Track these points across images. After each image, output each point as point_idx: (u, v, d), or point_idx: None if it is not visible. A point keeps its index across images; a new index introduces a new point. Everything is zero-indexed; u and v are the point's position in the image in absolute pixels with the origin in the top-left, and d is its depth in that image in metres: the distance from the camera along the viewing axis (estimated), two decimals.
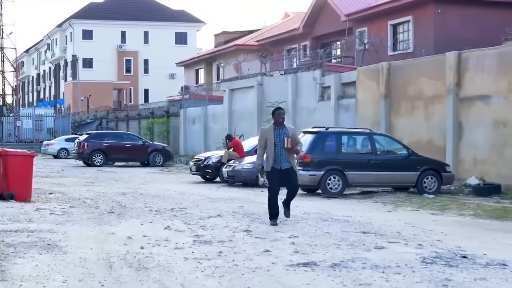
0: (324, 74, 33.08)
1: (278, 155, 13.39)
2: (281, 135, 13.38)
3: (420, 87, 25.98)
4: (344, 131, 22.32)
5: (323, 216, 14.98)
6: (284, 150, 13.33)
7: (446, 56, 24.71)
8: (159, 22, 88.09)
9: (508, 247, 11.07)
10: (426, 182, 21.16)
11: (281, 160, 13.39)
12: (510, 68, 21.87)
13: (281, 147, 13.34)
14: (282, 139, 13.34)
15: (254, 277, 8.56)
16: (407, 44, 35.96)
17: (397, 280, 8.40)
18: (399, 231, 12.78)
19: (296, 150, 13.53)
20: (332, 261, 9.54)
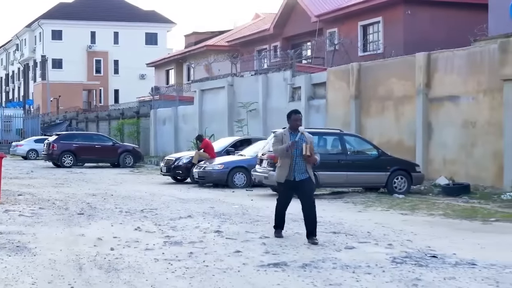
0: (295, 75, 33.15)
1: (293, 164, 11.62)
2: (299, 142, 11.61)
3: (390, 88, 26.11)
4: (314, 132, 22.14)
5: (293, 217, 14.92)
6: (300, 158, 11.60)
7: (415, 57, 24.85)
8: (129, 22, 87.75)
9: (477, 246, 11.15)
10: (396, 182, 21.26)
11: (296, 170, 11.63)
12: (479, 69, 22.05)
13: (298, 155, 11.59)
14: (299, 145, 11.59)
15: (224, 278, 8.55)
16: (377, 45, 36.13)
17: (368, 280, 8.42)
18: (370, 231, 12.82)
19: (314, 159, 11.71)
20: (302, 261, 9.55)
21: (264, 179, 20.76)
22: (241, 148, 26.86)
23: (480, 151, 21.81)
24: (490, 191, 20.45)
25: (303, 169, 11.65)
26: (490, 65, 21.55)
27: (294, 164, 11.60)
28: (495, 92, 21.36)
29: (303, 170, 11.65)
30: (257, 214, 15.56)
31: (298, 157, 11.59)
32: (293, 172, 11.62)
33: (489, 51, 21.75)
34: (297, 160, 11.61)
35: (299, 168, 11.64)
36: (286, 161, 11.67)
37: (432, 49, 25.22)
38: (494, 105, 21.39)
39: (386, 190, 21.32)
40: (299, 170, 11.64)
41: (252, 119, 34.85)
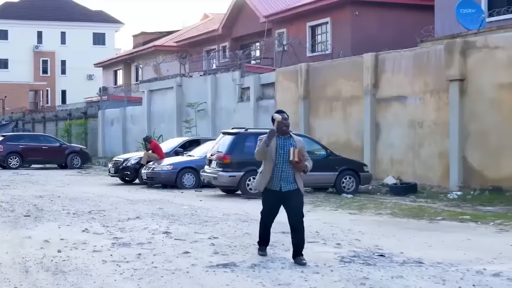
0: (244, 75, 33.20)
1: (278, 171, 9.86)
2: (286, 146, 9.88)
3: (338, 88, 26.26)
4: (263, 132, 22.20)
5: (242, 217, 14.99)
6: (287, 165, 9.82)
7: (363, 58, 25.04)
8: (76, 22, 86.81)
9: (424, 245, 11.27)
10: (345, 182, 21.42)
11: (282, 179, 9.84)
12: (426, 70, 22.29)
13: (284, 161, 9.82)
14: (286, 150, 9.85)
15: (173, 279, 8.51)
16: (326, 45, 36.30)
17: (316, 279, 8.46)
18: (318, 231, 12.87)
19: (304, 166, 9.87)
20: (251, 261, 9.55)
21: (213, 179, 20.75)
22: (190, 148, 26.79)
23: (427, 151, 22.06)
24: (437, 190, 20.70)
25: (291, 178, 9.87)
26: (437, 65, 21.80)
27: (280, 171, 9.82)
28: (441, 93, 21.62)
29: (291, 180, 9.87)
30: (206, 214, 15.53)
31: (285, 163, 9.79)
32: (279, 180, 9.84)
33: (435, 52, 22.01)
34: (284, 167, 9.81)
35: (286, 177, 9.83)
36: (267, 167, 9.93)
37: (379, 50, 25.43)
38: (440, 105, 21.65)
39: (334, 190, 21.46)
40: (286, 179, 9.84)
41: (201, 120, 34.80)
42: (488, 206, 17.38)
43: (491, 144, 19.81)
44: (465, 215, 15.44)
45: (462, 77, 20.70)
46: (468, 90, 20.61)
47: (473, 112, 20.42)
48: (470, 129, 20.52)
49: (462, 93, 20.70)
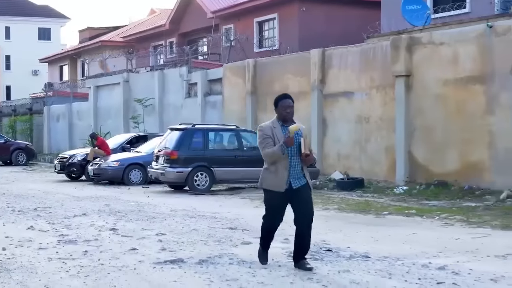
0: (191, 71, 33.12)
1: (289, 166, 8.66)
2: (294, 136, 8.59)
3: (286, 84, 26.31)
4: (211, 128, 22.39)
5: (190, 213, 14.95)
6: (297, 158, 8.65)
7: (310, 53, 25.14)
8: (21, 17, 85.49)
9: (371, 239, 11.35)
10: None
11: (292, 174, 8.66)
12: (372, 65, 22.46)
13: (294, 154, 8.62)
14: (296, 142, 8.60)
15: (120, 275, 8.44)
16: (273, 41, 36.36)
17: (264, 274, 8.46)
18: None
19: (313, 159, 8.80)
20: (199, 257, 9.52)
21: (160, 175, 20.67)
22: (137, 144, 26.66)
23: (374, 146, 22.24)
24: (383, 185, 20.89)
25: (299, 173, 8.72)
26: (383, 61, 21.99)
27: (291, 166, 8.64)
28: (387, 88, 21.81)
29: (300, 174, 8.72)
30: (153, 211, 15.45)
31: (294, 156, 8.62)
32: (288, 178, 8.66)
33: (381, 48, 22.19)
34: (293, 161, 8.63)
35: (295, 172, 8.67)
36: (282, 163, 8.61)
37: (326, 45, 25.56)
38: (387, 100, 21.85)
39: None
40: (295, 174, 8.68)
41: (148, 116, 34.61)
42: (433, 201, 17.59)
43: (436, 139, 20.04)
44: (411, 210, 15.60)
45: (408, 73, 20.91)
46: (414, 86, 20.83)
47: (419, 108, 20.63)
48: (415, 125, 20.74)
49: (408, 89, 20.91)
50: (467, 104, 19.14)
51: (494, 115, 18.51)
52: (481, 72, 18.85)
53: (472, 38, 19.18)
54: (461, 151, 19.30)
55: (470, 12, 25.02)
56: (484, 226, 13.07)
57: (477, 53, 19.01)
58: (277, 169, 8.64)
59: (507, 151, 18.05)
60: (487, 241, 11.22)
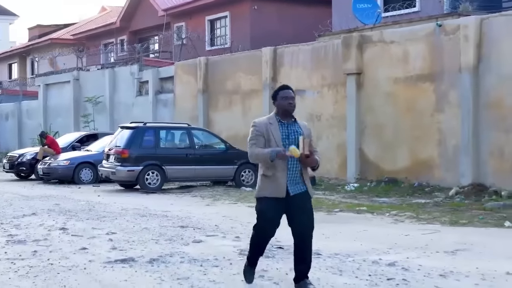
0: (142, 69, 32.96)
1: (287, 169, 7.38)
2: (292, 135, 7.42)
3: (238, 82, 26.33)
4: (162, 126, 22.28)
5: (141, 212, 14.86)
6: (295, 160, 7.35)
7: (262, 52, 25.17)
8: None
9: (322, 236, 11.36)
10: (244, 176, 21.49)
11: (289, 179, 7.38)
12: (323, 64, 22.56)
13: (292, 156, 7.29)
14: (292, 140, 7.37)
15: (70, 275, 8.35)
16: (225, 39, 36.34)
17: (215, 273, 8.44)
18: (217, 224, 12.87)
19: (314, 161, 7.41)
20: (150, 256, 9.46)
21: (111, 174, 20.52)
22: (87, 143, 26.44)
23: (325, 144, 22.32)
24: (335, 183, 21.00)
25: (298, 177, 7.45)
26: (334, 59, 22.10)
27: (289, 169, 7.40)
28: (338, 86, 21.93)
29: (299, 179, 7.45)
30: (104, 210, 15.33)
31: (292, 158, 7.35)
32: (285, 183, 7.38)
33: (333, 46, 22.30)
34: (291, 164, 7.38)
35: (293, 176, 7.41)
36: (279, 167, 7.34)
37: (278, 44, 25.62)
38: (338, 98, 21.97)
39: (234, 183, 21.51)
40: (293, 179, 7.41)
41: (99, 114, 34.33)
42: (384, 198, 17.73)
43: (387, 137, 20.21)
44: (362, 207, 15.70)
45: (359, 71, 21.04)
46: (365, 84, 20.97)
47: (370, 106, 20.78)
48: (366, 122, 20.89)
49: (359, 87, 21.04)
50: (417, 102, 19.32)
51: (443, 113, 18.71)
52: (430, 71, 19.05)
53: (422, 36, 19.37)
54: (411, 149, 19.48)
55: (419, 11, 25.28)
56: (434, 223, 13.21)
57: (426, 52, 19.20)
58: (275, 173, 7.33)
59: (456, 149, 18.26)
60: (436, 237, 11.34)
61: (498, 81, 17.43)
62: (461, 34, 18.12)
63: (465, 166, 17.95)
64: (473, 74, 17.81)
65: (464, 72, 18.03)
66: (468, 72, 17.91)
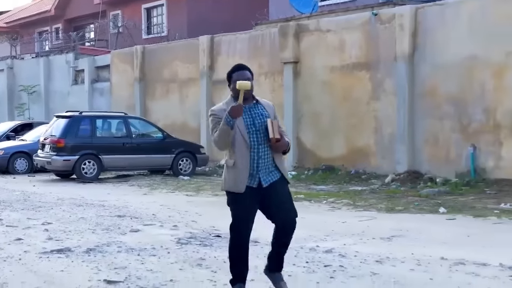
0: (78, 58, 32.59)
1: (254, 158, 6.37)
2: (258, 119, 6.48)
3: (175, 70, 26.22)
4: (98, 115, 22.06)
5: (78, 201, 14.71)
6: (265, 146, 6.42)
7: (199, 40, 25.10)
8: None
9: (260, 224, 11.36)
10: (182, 164, 21.41)
11: (261, 168, 6.40)
12: (260, 52, 22.60)
13: (260, 142, 6.40)
14: (259, 125, 6.44)
15: (5, 267, 8.21)
16: (161, 28, 36.12)
17: (153, 262, 8.39)
18: (155, 213, 12.80)
19: (284, 144, 6.54)
20: (87, 246, 9.36)
21: (47, 164, 20.25)
22: (22, 133, 26.01)
23: None
24: None
25: (270, 164, 6.49)
26: (271, 48, 22.16)
27: (258, 158, 6.38)
28: (275, 75, 22.00)
29: (271, 166, 6.49)
30: (39, 200, 15.12)
31: (262, 144, 6.40)
32: (257, 172, 6.39)
33: (270, 35, 22.35)
34: (260, 149, 6.40)
35: (264, 163, 6.42)
36: (243, 154, 6.35)
37: (215, 32, 25.57)
38: (275, 87, 22.03)
39: (171, 172, 21.42)
40: (264, 167, 6.43)
41: (34, 103, 33.85)
42: (321, 185, 17.86)
43: (324, 125, 20.34)
44: (300, 194, 15.77)
45: (296, 60, 21.13)
46: (302, 73, 21.07)
47: (306, 94, 20.89)
48: (303, 111, 21.00)
49: (296, 76, 21.14)
50: (353, 90, 19.49)
51: (379, 101, 18.92)
52: (366, 59, 19.23)
53: (358, 25, 19.52)
54: (347, 137, 19.65)
55: (355, 0, 25.46)
56: (370, 209, 13.36)
57: (363, 41, 19.37)
58: (238, 163, 6.33)
59: (392, 136, 18.49)
60: (372, 223, 11.46)
61: (433, 70, 17.69)
62: (397, 23, 18.33)
63: (400, 153, 18.19)
64: (408, 63, 18.03)
65: (399, 61, 18.25)
66: (403, 61, 18.13)
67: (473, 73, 16.79)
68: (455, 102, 17.14)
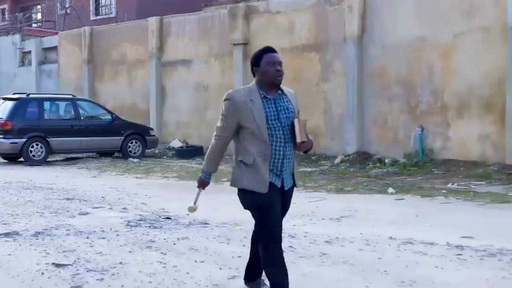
0: (24, 39, 32.13)
1: (280, 157, 5.43)
2: (283, 113, 5.46)
3: (124, 52, 26.01)
4: (46, 97, 21.78)
5: (25, 185, 14.52)
6: (289, 146, 5.46)
7: (148, 21, 24.92)
8: None
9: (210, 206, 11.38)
10: (131, 147, 21.28)
11: (285, 169, 5.50)
12: (209, 34, 22.52)
13: (288, 140, 5.44)
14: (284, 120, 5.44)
15: None
16: (110, 9, 35.77)
17: (102, 244, 8.33)
18: (104, 196, 12.72)
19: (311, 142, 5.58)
20: (35, 229, 9.25)
21: None
22: None
23: (212, 114, 22.31)
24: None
25: (292, 168, 5.62)
26: (221, 30, 22.09)
27: (281, 157, 5.43)
28: (225, 56, 21.94)
29: (291, 170, 5.62)
30: None
31: (287, 142, 5.46)
32: (280, 173, 5.48)
33: (219, 16, 22.27)
34: (286, 148, 5.46)
35: (288, 164, 5.53)
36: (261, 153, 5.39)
37: (164, 14, 25.38)
38: (225, 68, 21.99)
39: (121, 154, 21.28)
40: (288, 169, 5.56)
41: None
42: None
43: None
44: None
45: (245, 41, 21.11)
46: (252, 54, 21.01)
47: None
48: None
49: (246, 57, 21.10)
50: (303, 71, 19.53)
51: (329, 82, 19.00)
52: (316, 41, 19.28)
53: (307, 7, 19.54)
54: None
55: None
56: (320, 190, 13.43)
57: (312, 22, 19.40)
58: (256, 164, 5.42)
59: (341, 117, 18.59)
60: (322, 204, 11.53)
61: (381, 51, 17.80)
62: (346, 4, 18.39)
63: (350, 134, 18.31)
64: (357, 44, 18.12)
65: (348, 42, 18.33)
66: (352, 42, 18.22)
67: (421, 54, 16.95)
68: (404, 84, 17.30)
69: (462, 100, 16.24)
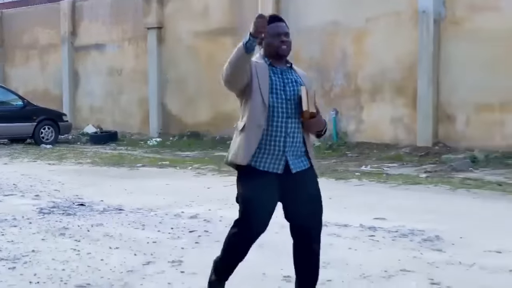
0: None
1: (281, 134, 4.72)
2: (290, 85, 4.84)
3: (35, 36, 25.54)
4: None
5: None
6: (296, 121, 4.76)
7: (60, 5, 24.53)
8: None
9: (125, 192, 11.32)
10: (43, 133, 20.92)
11: (288, 149, 4.74)
12: (123, 18, 22.29)
13: (290, 115, 4.73)
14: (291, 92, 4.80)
15: None
16: None
17: (14, 233, 8.17)
18: (16, 183, 12.46)
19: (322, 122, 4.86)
20: None
21: None
22: None
23: (127, 99, 22.17)
24: (137, 138, 20.93)
25: (300, 147, 4.84)
26: (135, 14, 21.88)
27: (285, 134, 4.74)
28: (139, 40, 21.76)
29: (301, 149, 4.86)
30: None
31: (290, 118, 4.76)
32: (282, 153, 4.73)
33: (133, 1, 22.04)
34: (289, 124, 4.75)
35: (292, 143, 4.77)
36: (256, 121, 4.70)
37: None
38: (139, 53, 21.81)
39: (33, 140, 20.90)
40: (292, 149, 4.78)
41: None
42: (186, 151, 17.87)
43: (189, 91, 20.31)
44: (165, 161, 15.74)
45: (159, 25, 20.97)
46: (166, 38, 20.92)
47: (171, 60, 20.78)
48: (168, 77, 20.88)
49: (160, 41, 20.98)
50: (218, 55, 19.47)
51: None
52: (230, 24, 19.26)
53: None
54: (212, 102, 19.70)
55: None
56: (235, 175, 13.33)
57: (226, 6, 19.39)
58: (248, 131, 4.73)
59: None
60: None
61: (296, 35, 17.70)
62: None
63: None
64: None
65: None
66: None
67: (335, 38, 17.12)
68: (318, 67, 17.44)
69: (375, 83, 16.49)
